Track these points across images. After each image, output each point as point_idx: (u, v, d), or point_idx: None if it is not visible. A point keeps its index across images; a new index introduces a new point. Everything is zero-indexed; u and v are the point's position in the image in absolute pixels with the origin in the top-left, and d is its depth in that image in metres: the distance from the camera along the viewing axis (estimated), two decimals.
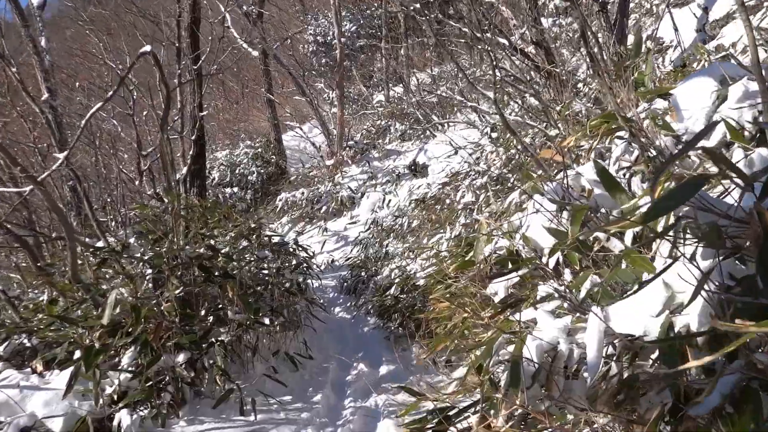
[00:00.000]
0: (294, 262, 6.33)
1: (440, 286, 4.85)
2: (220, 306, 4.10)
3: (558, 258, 2.79)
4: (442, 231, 7.32)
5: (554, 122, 5.65)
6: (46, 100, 8.85)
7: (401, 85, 16.12)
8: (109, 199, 8.19)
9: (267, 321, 4.49)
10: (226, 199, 14.33)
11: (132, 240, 4.42)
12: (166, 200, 5.38)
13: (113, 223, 7.63)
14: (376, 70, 17.76)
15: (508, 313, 2.85)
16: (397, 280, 6.15)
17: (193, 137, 7.62)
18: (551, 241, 2.81)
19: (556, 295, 2.62)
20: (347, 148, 11.86)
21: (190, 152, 7.60)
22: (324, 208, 10.60)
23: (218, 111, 25.10)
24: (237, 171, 15.72)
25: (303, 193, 10.91)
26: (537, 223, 2.87)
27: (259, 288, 4.53)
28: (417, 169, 11.11)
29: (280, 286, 4.76)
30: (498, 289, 3.08)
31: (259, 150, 16.47)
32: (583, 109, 5.84)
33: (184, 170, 7.63)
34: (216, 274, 4.02)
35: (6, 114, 9.10)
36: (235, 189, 15.04)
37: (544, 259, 2.86)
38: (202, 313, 3.98)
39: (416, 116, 12.08)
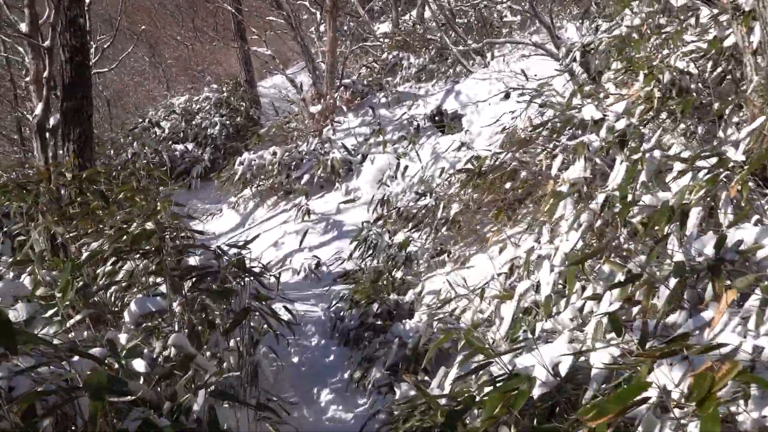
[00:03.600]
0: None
1: None
2: None
3: None
4: (531, 231, 4.03)
5: None
6: None
7: (413, 12, 12.50)
8: None
9: None
10: (176, 159, 10.85)
11: None
12: None
13: None
14: None
15: None
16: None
17: (58, 45, 4.15)
18: None
19: None
20: (341, 88, 8.37)
21: (45, 75, 4.12)
22: (306, 176, 7.20)
23: (188, 49, 21.14)
24: (194, 121, 12.20)
25: (275, 154, 7.48)
26: None
27: None
28: (444, 121, 7.71)
29: None
30: None
31: (225, 95, 12.92)
32: None
33: (39, 109, 4.16)
34: None
35: None
36: (190, 145, 11.52)
37: None
38: None
39: (442, 42, 8.56)
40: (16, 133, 12.10)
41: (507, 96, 7.22)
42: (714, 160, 2.79)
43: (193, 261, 3.08)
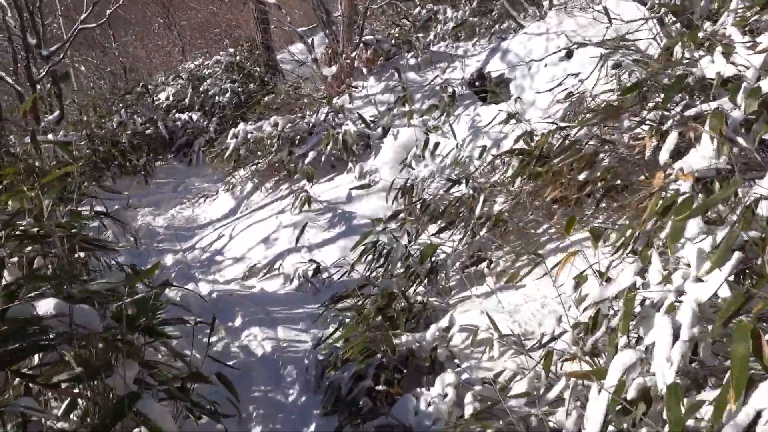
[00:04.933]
0: None
1: None
2: None
3: None
4: (627, 256, 2.61)
5: None
6: None
7: None
8: None
9: None
10: (177, 131, 9.61)
11: None
12: None
13: None
14: None
15: None
16: None
17: None
18: None
19: None
20: (361, 45, 6.93)
21: None
22: (312, 154, 5.83)
23: (207, 11, 19.79)
24: (201, 88, 10.96)
25: (276, 125, 6.13)
26: None
27: None
28: (487, 86, 6.24)
29: None
30: None
31: (237, 58, 11.66)
32: None
33: None
34: None
35: None
36: (195, 115, 10.26)
37: None
38: None
39: None
40: None
41: (569, 55, 5.71)
42: None
43: (43, 309, 1.76)
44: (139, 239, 3.55)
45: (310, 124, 6.22)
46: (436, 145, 5.62)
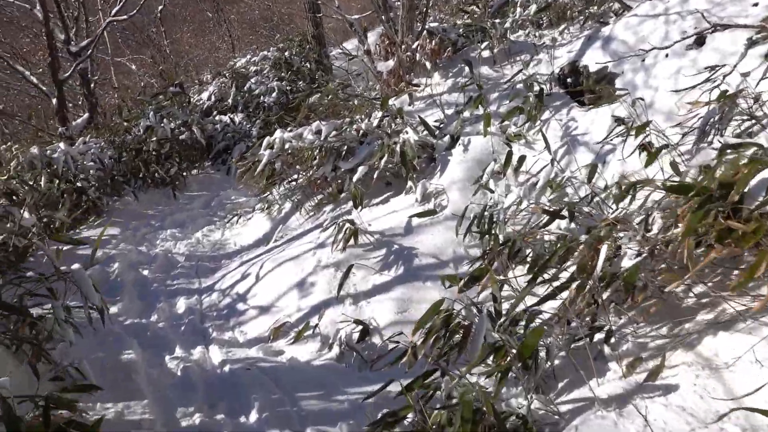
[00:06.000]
0: None
1: None
2: None
3: None
4: None
5: None
6: None
7: None
8: None
9: None
10: (215, 136, 8.64)
11: None
12: None
13: None
14: None
15: None
16: None
17: None
18: None
19: None
20: (423, 34, 5.70)
21: None
22: (361, 169, 4.66)
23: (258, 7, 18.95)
24: (246, 86, 10.00)
25: (319, 133, 5.00)
26: None
27: None
28: (583, 84, 4.92)
29: None
30: None
31: (285, 54, 10.65)
32: None
33: None
34: None
35: None
36: (238, 116, 9.30)
37: None
38: None
39: None
40: None
41: (700, 41, 4.35)
42: None
43: None
44: (107, 314, 2.49)
45: (361, 132, 5.05)
46: (521, 159, 4.36)
